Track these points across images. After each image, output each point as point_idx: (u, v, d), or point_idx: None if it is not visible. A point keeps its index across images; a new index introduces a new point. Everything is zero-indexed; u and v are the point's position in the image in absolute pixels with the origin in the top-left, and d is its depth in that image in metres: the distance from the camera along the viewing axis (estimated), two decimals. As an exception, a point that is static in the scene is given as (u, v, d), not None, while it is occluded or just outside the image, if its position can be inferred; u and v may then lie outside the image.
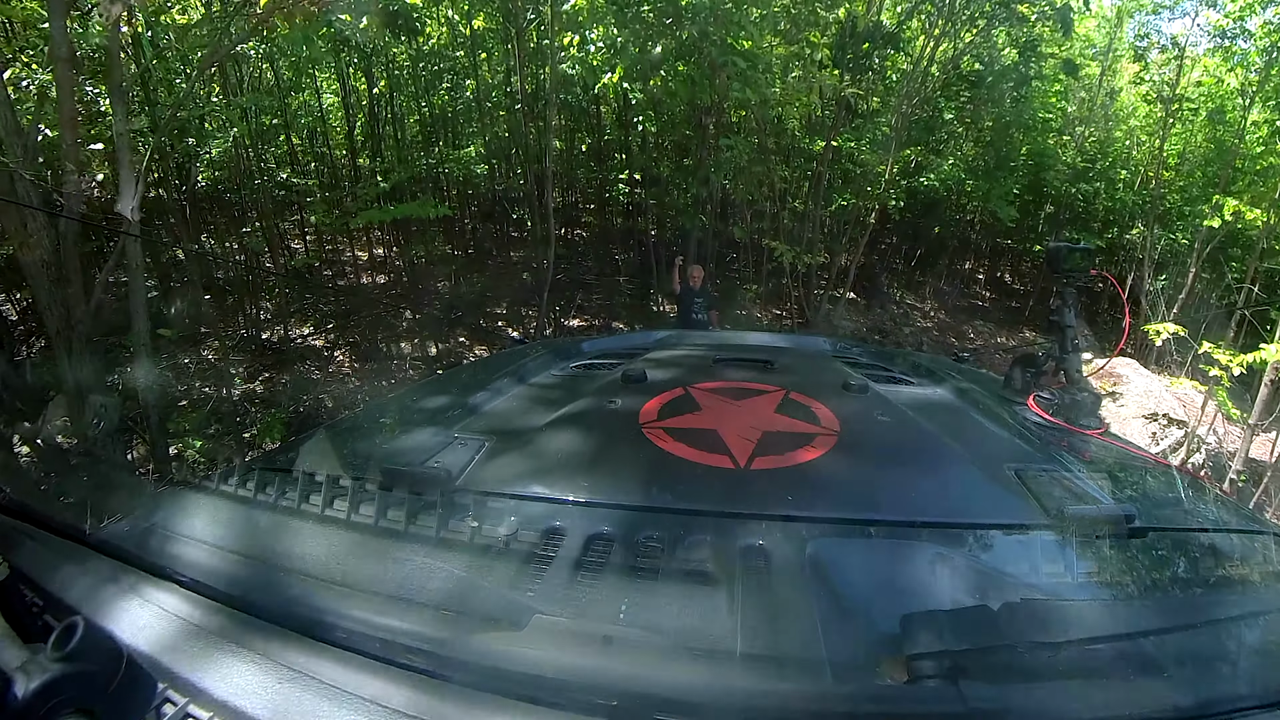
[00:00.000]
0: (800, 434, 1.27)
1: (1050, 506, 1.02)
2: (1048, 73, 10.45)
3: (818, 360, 2.12)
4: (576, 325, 10.04)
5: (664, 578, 0.85)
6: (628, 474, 1.14)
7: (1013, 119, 10.11)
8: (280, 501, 1.07)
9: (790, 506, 1.02)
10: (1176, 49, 12.07)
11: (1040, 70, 9.57)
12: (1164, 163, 12.91)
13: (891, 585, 0.89)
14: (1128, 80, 13.64)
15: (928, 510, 1.05)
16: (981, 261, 17.11)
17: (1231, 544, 1.08)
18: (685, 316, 6.94)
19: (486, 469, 1.15)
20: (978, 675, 0.68)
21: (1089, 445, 1.48)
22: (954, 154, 11.03)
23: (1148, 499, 1.28)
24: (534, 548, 0.91)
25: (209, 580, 0.86)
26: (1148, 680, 0.74)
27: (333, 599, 0.82)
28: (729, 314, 10.65)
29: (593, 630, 0.72)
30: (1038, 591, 0.88)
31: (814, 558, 0.89)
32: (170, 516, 1.09)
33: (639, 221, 10.18)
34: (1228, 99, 12.39)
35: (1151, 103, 12.87)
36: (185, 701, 0.68)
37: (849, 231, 10.49)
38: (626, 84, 5.22)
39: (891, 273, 14.68)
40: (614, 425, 1.35)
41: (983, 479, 1.16)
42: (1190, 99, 12.52)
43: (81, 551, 0.96)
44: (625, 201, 10.32)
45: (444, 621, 0.78)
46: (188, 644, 0.75)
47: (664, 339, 2.48)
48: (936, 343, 12.39)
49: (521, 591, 0.83)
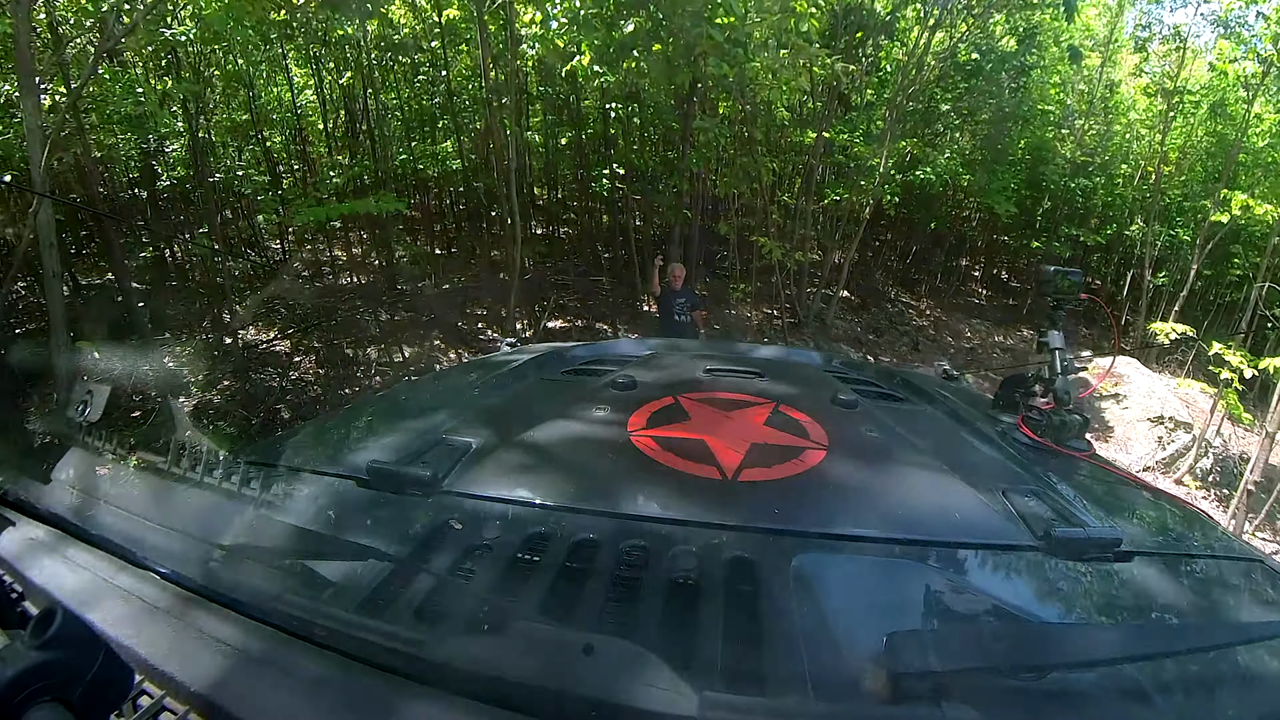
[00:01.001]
0: (789, 447, 1.27)
1: (1038, 528, 1.01)
2: (1047, 63, 10.08)
3: (808, 374, 2.09)
4: (558, 326, 9.64)
5: (647, 587, 0.85)
6: (614, 481, 1.13)
7: (1011, 110, 9.73)
8: (265, 496, 1.07)
9: (777, 519, 1.01)
10: (1179, 39, 11.80)
11: (1040, 59, 9.18)
12: (1164, 157, 12.59)
13: (877, 603, 0.88)
14: (1128, 72, 13.35)
15: (915, 528, 1.03)
16: (977, 259, 16.90)
17: (1219, 571, 1.09)
18: (667, 319, 6.52)
19: (473, 471, 1.14)
20: (962, 697, 0.66)
21: (1077, 467, 1.46)
22: (950, 147, 10.65)
23: (1135, 523, 1.27)
24: (517, 552, 0.91)
25: (189, 572, 0.85)
26: (1133, 707, 0.74)
27: (313, 596, 0.83)
28: (717, 314, 10.28)
29: (572, 639, 0.69)
30: (1024, 614, 0.87)
31: (799, 572, 0.89)
32: (153, 507, 1.05)
33: (624, 218, 9.71)
34: (1230, 91, 12.14)
35: (1152, 95, 12.58)
36: (162, 695, 0.68)
37: (842, 228, 10.10)
38: (598, 68, 4.78)
39: (886, 270, 14.43)
40: (602, 432, 1.35)
41: (971, 498, 1.13)
42: (1192, 92, 12.24)
43: (62, 539, 0.96)
44: (610, 197, 9.85)
45: (423, 623, 0.78)
46: (166, 636, 0.75)
47: (655, 347, 2.47)
48: (932, 341, 12.09)
49: (502, 596, 0.83)
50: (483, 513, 1.01)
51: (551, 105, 9.46)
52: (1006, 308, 15.29)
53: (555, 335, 9.42)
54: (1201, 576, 1.05)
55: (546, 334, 9.43)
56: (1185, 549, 1.16)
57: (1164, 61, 12.31)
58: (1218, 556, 1.14)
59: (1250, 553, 1.22)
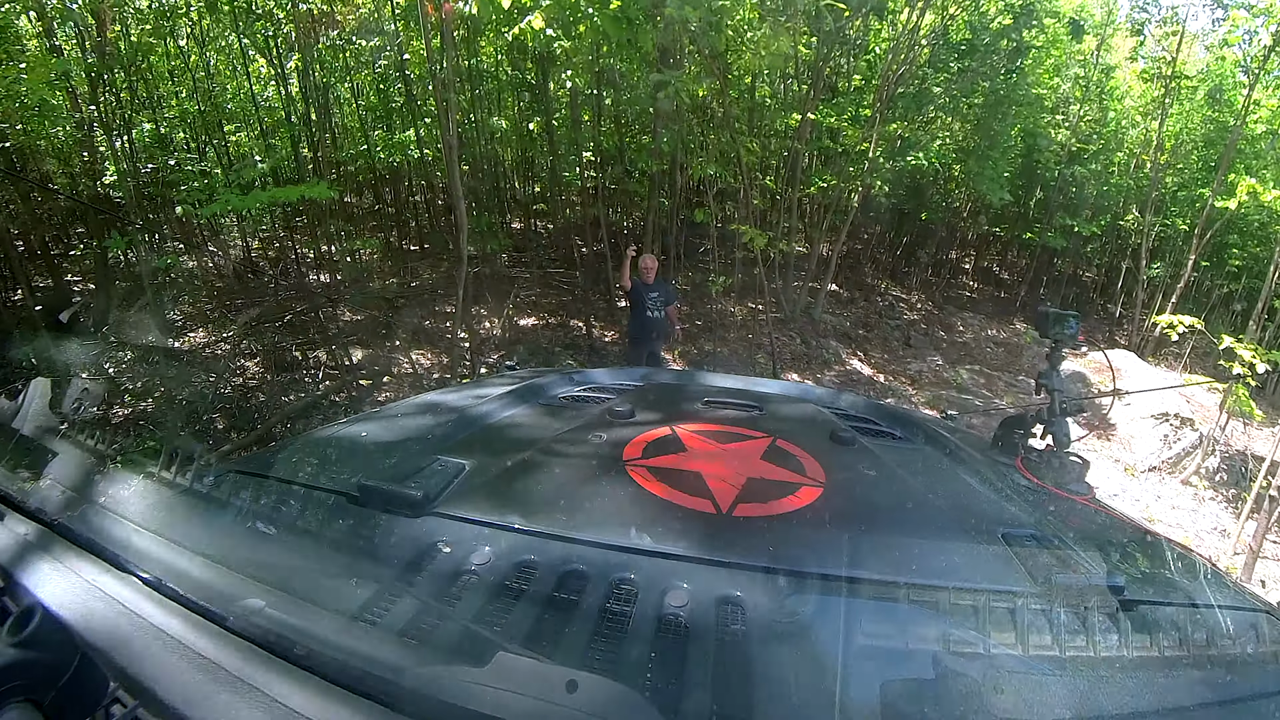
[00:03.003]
0: (785, 483, 1.26)
1: (1038, 574, 1.00)
2: (1043, 42, 9.60)
3: (806, 409, 2.05)
4: (529, 324, 9.09)
5: (635, 622, 0.82)
6: (607, 511, 1.12)
7: (1006, 93, 9.24)
8: (254, 507, 1.06)
9: (770, 557, 0.99)
10: (1176, 22, 11.43)
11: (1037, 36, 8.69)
12: (1160, 145, 12.22)
13: (870, 647, 0.83)
14: (1124, 56, 12.97)
15: (912, 570, 0.99)
16: (968, 251, 16.60)
17: (1225, 621, 1.02)
18: (639, 316, 5.99)
19: (464, 494, 1.12)
20: None
21: (1078, 511, 1.44)
22: (943, 133, 10.16)
23: (1138, 570, 1.21)
24: (505, 579, 0.90)
25: (171, 580, 0.83)
26: None
27: (293, 613, 0.78)
28: (699, 309, 9.77)
29: (556, 674, 0.66)
30: (1023, 663, 0.83)
31: (792, 612, 0.87)
32: (139, 511, 1.02)
33: (599, 209, 9.10)
34: (1228, 77, 11.80)
35: (1149, 80, 12.21)
36: (135, 704, 0.67)
37: (829, 217, 9.59)
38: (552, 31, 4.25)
39: (876, 263, 14.02)
40: (596, 460, 1.34)
41: (969, 541, 1.12)
42: (1189, 77, 11.88)
43: (46, 536, 0.94)
44: (583, 186, 9.26)
45: (405, 649, 0.75)
46: (143, 644, 0.74)
47: (654, 376, 2.51)
48: (924, 335, 11.67)
49: (487, 625, 0.81)
50: (472, 537, 0.99)
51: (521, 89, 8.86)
52: (999, 300, 14.98)
53: (526, 333, 8.89)
54: (1206, 627, 0.99)
55: (518, 332, 8.91)
56: (1189, 598, 1.10)
57: (1160, 45, 11.97)
58: (1223, 607, 1.08)
59: (1257, 603, 1.18)
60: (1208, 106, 12.39)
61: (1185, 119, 12.70)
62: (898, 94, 8.46)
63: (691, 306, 9.85)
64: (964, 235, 15.36)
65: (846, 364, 9.39)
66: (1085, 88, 12.72)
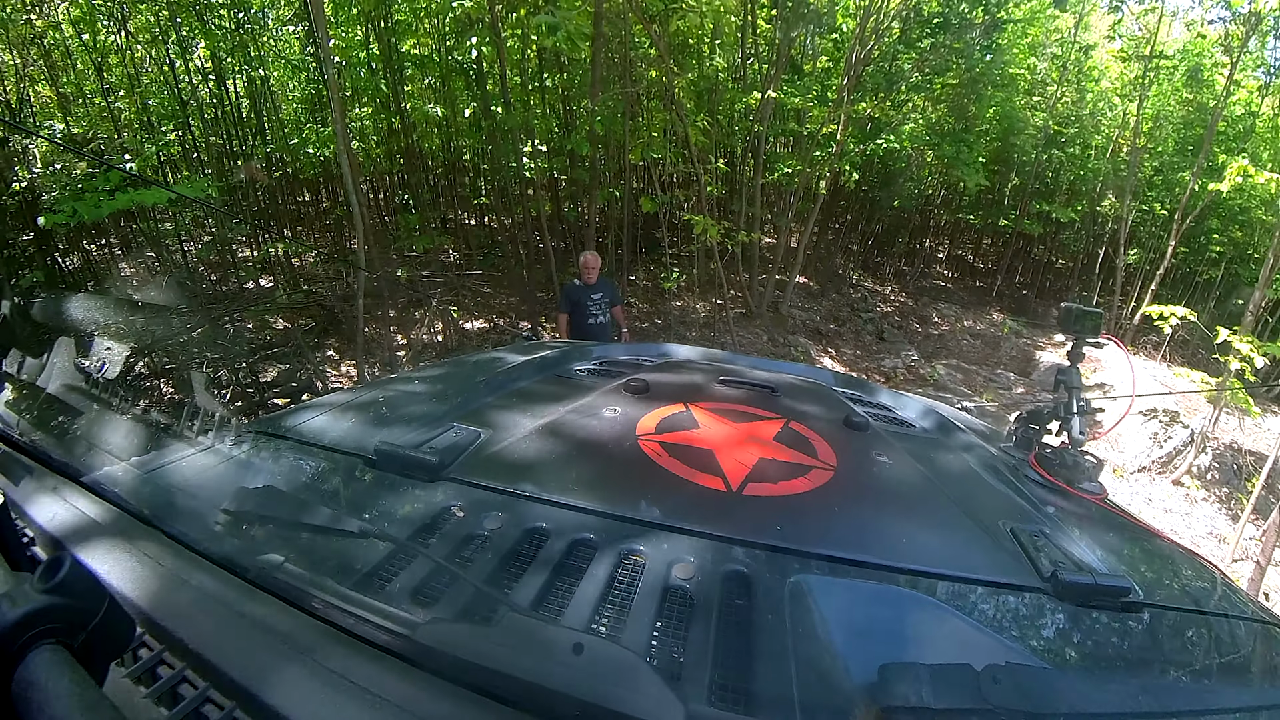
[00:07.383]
0: (796, 465, 1.26)
1: (1045, 570, 0.98)
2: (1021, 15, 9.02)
3: (822, 393, 2.02)
4: (475, 328, 8.36)
5: (642, 592, 0.83)
6: (618, 484, 1.13)
7: (982, 72, 8.67)
8: (274, 466, 1.10)
9: (778, 536, 0.98)
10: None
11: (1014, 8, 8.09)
12: (1138, 128, 11.77)
13: (873, 631, 0.84)
14: (1103, 35, 12.51)
15: (918, 558, 0.99)
16: (941, 239, 16.12)
17: (1231, 630, 1.04)
18: (579, 324, 5.22)
19: (479, 461, 1.13)
20: None
21: (1090, 511, 1.38)
22: (915, 115, 9.56)
23: (1146, 574, 1.19)
24: (517, 545, 0.90)
25: (194, 534, 0.86)
26: None
27: (311, 567, 0.81)
28: (659, 307, 9.10)
29: (564, 636, 0.67)
30: (1024, 656, 0.84)
31: (796, 591, 0.87)
32: (165, 466, 1.06)
33: (541, 201, 8.27)
34: (1207, 55, 11.41)
35: (1126, 60, 11.76)
36: (161, 649, 0.68)
37: (795, 206, 8.95)
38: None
39: (847, 254, 13.45)
40: (610, 433, 1.33)
41: (978, 533, 1.11)
42: (1168, 56, 11.45)
43: (76, 490, 0.96)
44: (529, 178, 8.46)
45: (418, 605, 0.77)
46: (168, 593, 0.76)
47: (672, 352, 2.52)
48: (898, 329, 11.13)
49: (497, 587, 0.82)
50: (485, 503, 1.00)
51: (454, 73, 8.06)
52: (974, 290, 14.53)
53: (471, 337, 8.15)
54: (1212, 635, 1.00)
55: (462, 335, 8.17)
56: (1196, 605, 1.07)
57: (1139, 23, 11.53)
58: (1230, 616, 1.08)
59: (1265, 614, 1.15)
60: (1186, 87, 11.98)
61: (1164, 100, 12.27)
62: (866, 71, 7.82)
63: (650, 304, 9.18)
64: (938, 223, 14.89)
65: (816, 361, 8.79)
66: (1062, 68, 12.22)
